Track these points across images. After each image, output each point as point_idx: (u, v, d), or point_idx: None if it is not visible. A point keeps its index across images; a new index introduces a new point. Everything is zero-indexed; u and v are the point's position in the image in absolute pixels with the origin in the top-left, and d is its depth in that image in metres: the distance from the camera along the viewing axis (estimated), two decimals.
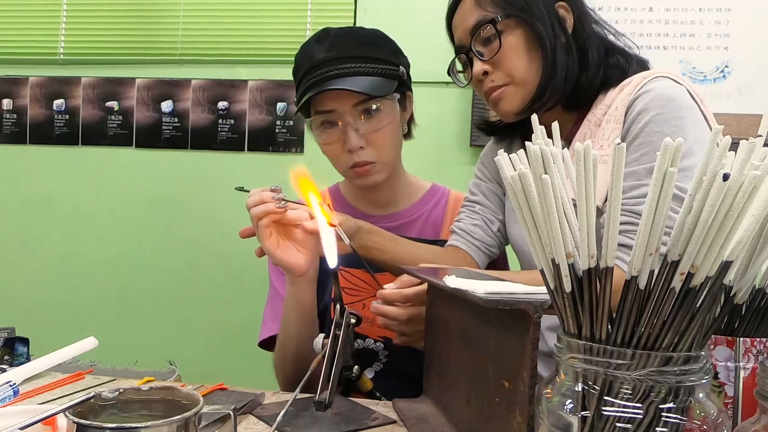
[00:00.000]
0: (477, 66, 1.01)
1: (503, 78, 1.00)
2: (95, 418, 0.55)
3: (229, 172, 2.07)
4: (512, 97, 1.00)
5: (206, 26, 2.08)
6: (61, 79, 2.17)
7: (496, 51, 0.99)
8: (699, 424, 0.44)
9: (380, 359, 1.15)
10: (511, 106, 1.01)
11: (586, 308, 0.46)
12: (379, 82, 1.07)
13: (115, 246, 2.14)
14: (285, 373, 1.10)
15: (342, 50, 1.06)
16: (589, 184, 0.45)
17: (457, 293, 0.68)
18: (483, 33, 0.99)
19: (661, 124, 0.90)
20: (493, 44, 0.99)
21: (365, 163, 1.09)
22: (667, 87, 0.93)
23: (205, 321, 2.08)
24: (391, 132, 1.11)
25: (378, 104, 1.08)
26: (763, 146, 0.42)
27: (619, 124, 0.94)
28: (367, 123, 1.08)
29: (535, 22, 0.97)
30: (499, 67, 1.00)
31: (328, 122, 1.09)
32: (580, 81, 1.00)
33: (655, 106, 0.91)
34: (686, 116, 0.91)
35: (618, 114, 0.95)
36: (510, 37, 0.98)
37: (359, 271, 1.15)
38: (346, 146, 1.07)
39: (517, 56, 0.99)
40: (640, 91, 0.94)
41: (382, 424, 0.80)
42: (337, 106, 1.06)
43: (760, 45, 1.78)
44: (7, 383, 0.85)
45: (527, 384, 0.58)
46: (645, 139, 0.91)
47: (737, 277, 0.51)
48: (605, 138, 0.95)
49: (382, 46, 1.11)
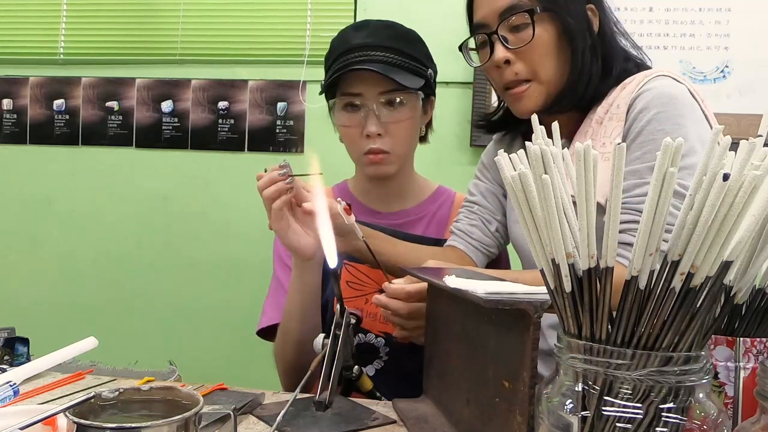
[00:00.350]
0: (500, 52, 0.97)
1: (527, 72, 0.97)
2: (95, 418, 0.55)
3: (229, 172, 2.07)
4: (535, 96, 0.98)
5: (206, 26, 2.07)
6: (61, 79, 2.17)
7: (526, 42, 0.95)
8: (699, 424, 0.44)
9: (381, 356, 1.15)
10: (534, 106, 0.98)
11: (586, 308, 0.46)
12: (407, 76, 1.09)
13: (115, 246, 2.14)
14: (285, 361, 1.11)
15: (379, 39, 1.09)
16: (589, 184, 0.45)
17: (457, 293, 0.68)
18: (514, 19, 0.95)
19: (662, 122, 0.90)
20: (523, 34, 0.95)
21: (380, 151, 1.11)
22: (668, 86, 0.93)
23: (205, 321, 2.08)
24: (410, 127, 1.13)
25: (402, 97, 1.10)
26: (763, 146, 0.42)
27: (621, 122, 0.94)
28: (389, 112, 1.10)
29: (570, 20, 0.95)
30: (524, 58, 0.97)
31: (351, 105, 1.12)
32: (600, 89, 0.98)
33: (656, 105, 0.91)
34: (687, 114, 0.90)
35: (620, 112, 0.94)
36: (542, 31, 0.95)
37: (364, 266, 1.16)
38: (365, 131, 1.10)
39: (547, 52, 0.96)
40: (641, 90, 0.94)
41: (382, 424, 0.80)
42: (364, 90, 1.09)
43: (760, 45, 1.78)
44: (7, 383, 0.85)
45: (527, 384, 0.58)
46: (647, 137, 0.91)
47: (737, 277, 0.51)
48: (607, 135, 0.95)
49: (416, 45, 1.14)
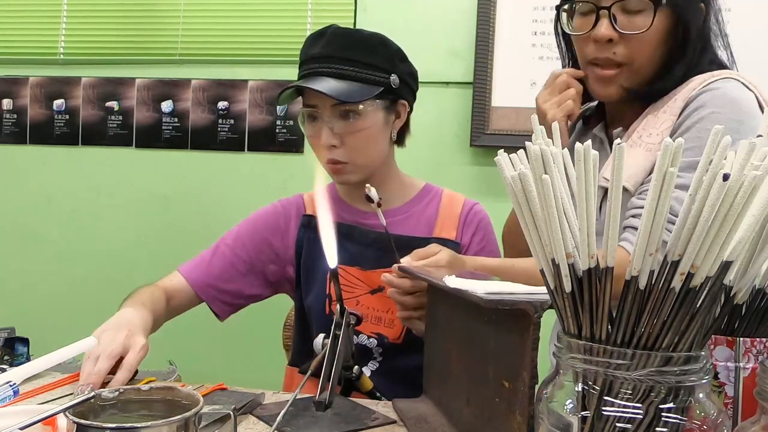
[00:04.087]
0: (607, 29, 0.93)
1: (625, 57, 0.94)
2: (95, 418, 0.55)
3: (229, 172, 2.07)
4: (622, 83, 0.96)
5: (206, 26, 2.07)
6: (61, 79, 2.16)
7: (641, 30, 0.91)
8: (699, 424, 0.44)
9: (375, 357, 1.15)
10: (619, 94, 0.96)
11: (586, 308, 0.46)
12: (358, 88, 1.09)
13: (115, 246, 2.14)
14: None
15: (333, 49, 1.10)
16: (589, 184, 0.45)
17: (457, 293, 0.68)
18: (635, 3, 0.92)
19: (715, 123, 0.89)
20: (637, 19, 0.92)
21: (336, 161, 1.12)
22: (734, 89, 0.90)
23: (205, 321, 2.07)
24: (368, 136, 1.12)
25: (356, 108, 1.09)
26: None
27: (673, 116, 0.92)
28: (344, 124, 1.10)
29: (690, 19, 0.93)
30: (627, 43, 0.93)
31: (311, 116, 1.13)
32: (681, 83, 0.95)
33: (714, 105, 0.88)
34: (745, 122, 0.86)
35: (676, 106, 0.92)
36: (658, 23, 0.92)
37: (354, 269, 1.16)
38: (321, 142, 1.11)
39: (654, 45, 0.93)
40: (704, 88, 0.91)
41: (382, 424, 0.80)
42: (319, 102, 1.10)
43: (760, 45, 1.78)
44: (7, 383, 0.85)
45: (527, 384, 0.58)
46: (694, 134, 0.88)
47: (737, 277, 0.51)
48: (656, 127, 0.93)
49: (378, 52, 1.12)
